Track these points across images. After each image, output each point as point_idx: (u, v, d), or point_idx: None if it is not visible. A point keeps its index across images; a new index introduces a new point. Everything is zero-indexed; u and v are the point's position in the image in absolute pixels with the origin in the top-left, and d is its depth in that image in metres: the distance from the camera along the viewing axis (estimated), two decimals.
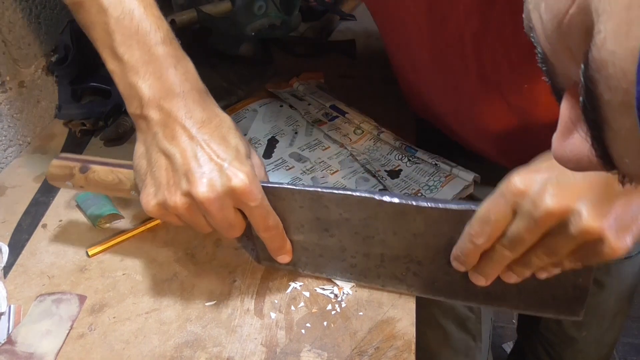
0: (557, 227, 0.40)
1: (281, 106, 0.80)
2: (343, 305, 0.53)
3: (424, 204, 0.47)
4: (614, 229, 0.38)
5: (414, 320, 0.52)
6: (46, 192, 0.68)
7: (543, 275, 0.45)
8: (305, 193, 0.50)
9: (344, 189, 0.51)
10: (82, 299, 0.54)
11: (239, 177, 0.45)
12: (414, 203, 0.47)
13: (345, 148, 0.71)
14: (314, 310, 0.53)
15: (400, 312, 0.53)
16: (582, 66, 0.20)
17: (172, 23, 0.85)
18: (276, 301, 0.54)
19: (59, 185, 0.57)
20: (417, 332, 0.51)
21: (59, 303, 0.54)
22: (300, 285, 0.55)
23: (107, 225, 0.62)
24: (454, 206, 0.46)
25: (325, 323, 0.52)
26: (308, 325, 0.52)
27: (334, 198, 0.50)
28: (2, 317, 0.52)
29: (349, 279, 0.55)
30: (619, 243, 0.38)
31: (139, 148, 0.49)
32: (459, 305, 0.88)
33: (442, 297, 0.52)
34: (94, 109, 0.77)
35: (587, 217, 0.38)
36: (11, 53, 0.72)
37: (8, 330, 0.51)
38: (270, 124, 0.76)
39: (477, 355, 0.90)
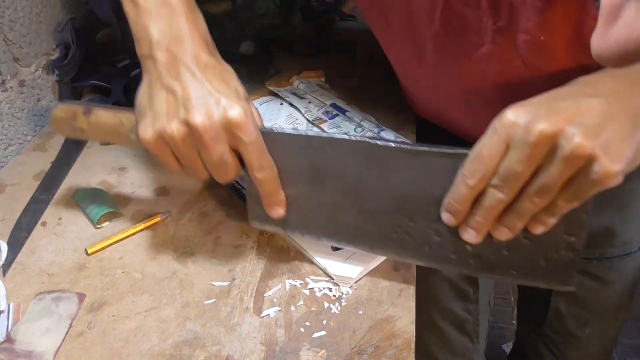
0: (549, 157, 0.39)
1: (281, 104, 0.79)
2: (343, 303, 0.53)
3: (418, 148, 0.47)
4: (606, 148, 0.37)
5: (414, 318, 0.52)
6: (46, 191, 0.68)
7: (538, 230, 0.44)
8: (300, 138, 0.50)
9: (339, 133, 0.51)
10: (81, 297, 0.54)
11: (235, 110, 0.47)
12: (408, 147, 0.47)
13: None
14: (313, 309, 0.53)
15: (399, 311, 0.53)
16: None
17: None
18: (275, 299, 0.54)
19: (61, 130, 0.57)
20: (416, 335, 0.51)
21: (58, 301, 0.54)
22: (300, 284, 0.55)
23: (107, 223, 0.62)
24: (448, 150, 0.46)
25: (324, 321, 0.52)
26: (307, 323, 0.52)
27: (328, 142, 0.50)
28: (1, 315, 0.52)
29: (338, 240, 0.54)
30: (611, 163, 0.37)
31: (143, 86, 0.50)
32: (457, 307, 0.88)
33: (433, 263, 0.51)
34: None
35: (577, 137, 0.37)
36: (12, 52, 0.72)
37: (7, 329, 0.51)
38: (271, 122, 0.76)
39: (475, 356, 0.90)
